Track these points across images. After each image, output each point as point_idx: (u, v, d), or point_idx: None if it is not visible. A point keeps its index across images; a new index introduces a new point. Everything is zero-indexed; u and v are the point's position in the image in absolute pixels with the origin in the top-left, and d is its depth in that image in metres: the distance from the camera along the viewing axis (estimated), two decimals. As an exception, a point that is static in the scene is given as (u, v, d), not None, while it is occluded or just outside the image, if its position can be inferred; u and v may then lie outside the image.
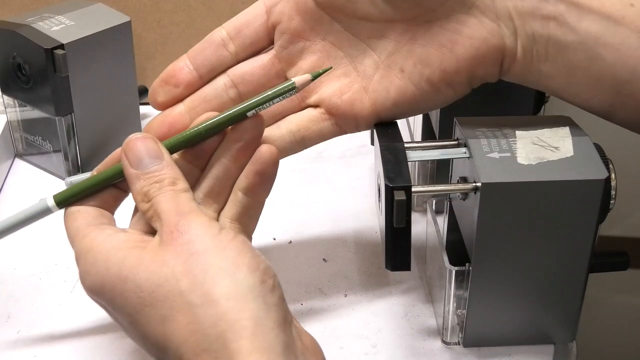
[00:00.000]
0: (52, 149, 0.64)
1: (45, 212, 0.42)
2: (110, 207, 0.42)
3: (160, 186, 0.39)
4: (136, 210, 0.41)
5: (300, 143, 0.45)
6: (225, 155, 0.42)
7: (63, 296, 0.52)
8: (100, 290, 0.38)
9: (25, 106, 0.63)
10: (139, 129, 0.67)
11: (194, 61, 0.45)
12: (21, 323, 0.50)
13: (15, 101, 0.64)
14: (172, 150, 0.41)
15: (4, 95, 0.64)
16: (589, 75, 0.41)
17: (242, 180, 0.42)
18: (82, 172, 0.64)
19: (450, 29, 0.42)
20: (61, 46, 0.58)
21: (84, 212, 0.41)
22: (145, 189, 0.39)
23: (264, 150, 0.42)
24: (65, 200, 0.42)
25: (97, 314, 0.39)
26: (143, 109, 0.68)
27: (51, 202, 0.42)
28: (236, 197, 0.42)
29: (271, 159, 0.42)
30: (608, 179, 0.41)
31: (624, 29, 0.40)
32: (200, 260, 0.36)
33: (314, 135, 0.45)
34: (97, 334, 0.49)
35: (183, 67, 0.45)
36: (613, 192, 0.43)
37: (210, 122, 0.41)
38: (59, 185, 0.64)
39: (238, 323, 0.34)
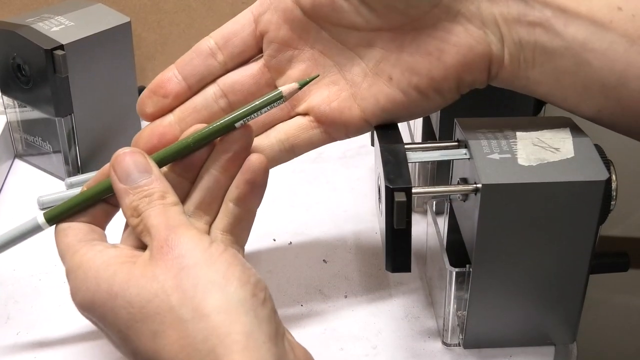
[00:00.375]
0: (51, 150, 0.64)
1: (36, 229, 0.43)
2: (101, 223, 0.42)
3: (150, 200, 0.39)
4: (127, 225, 0.41)
5: (289, 151, 0.45)
6: (215, 166, 0.42)
7: (63, 297, 0.52)
8: (90, 306, 0.38)
9: (25, 107, 0.63)
10: (138, 130, 0.66)
11: (182, 71, 0.44)
12: (21, 324, 0.50)
13: (15, 102, 0.64)
14: (160, 163, 0.41)
15: (3, 96, 0.64)
16: (576, 81, 0.41)
17: (233, 191, 0.42)
18: (82, 172, 0.64)
19: (437, 37, 0.42)
20: (61, 47, 0.58)
21: (75, 229, 0.41)
22: (135, 203, 0.39)
23: (254, 159, 0.42)
24: (55, 217, 0.42)
25: (97, 316, 0.39)
26: (143, 110, 0.68)
27: (41, 220, 0.42)
28: (227, 208, 0.42)
29: (261, 168, 0.42)
30: (609, 180, 0.41)
31: (611, 34, 0.40)
32: (191, 274, 0.36)
33: (304, 143, 0.45)
34: (97, 335, 0.48)
35: (171, 77, 0.44)
36: (614, 193, 0.43)
37: (198, 134, 0.41)
38: (59, 186, 0.63)
39: (229, 337, 0.34)
